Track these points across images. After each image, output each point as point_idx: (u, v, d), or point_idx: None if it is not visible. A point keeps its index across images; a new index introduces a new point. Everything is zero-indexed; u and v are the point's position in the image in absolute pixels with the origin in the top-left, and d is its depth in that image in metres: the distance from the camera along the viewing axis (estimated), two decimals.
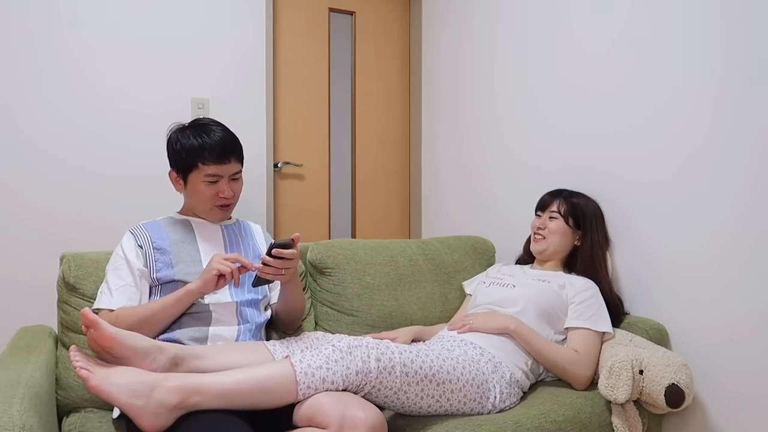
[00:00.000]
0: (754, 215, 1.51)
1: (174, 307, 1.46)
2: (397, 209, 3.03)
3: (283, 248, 1.43)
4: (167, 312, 1.46)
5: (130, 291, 1.50)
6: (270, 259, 1.43)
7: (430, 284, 2.01)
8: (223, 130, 1.61)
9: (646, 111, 1.78)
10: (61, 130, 2.22)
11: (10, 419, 1.00)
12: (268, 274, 1.45)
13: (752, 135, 1.50)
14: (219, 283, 1.44)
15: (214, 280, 1.43)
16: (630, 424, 1.50)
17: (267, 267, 1.44)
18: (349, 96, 2.92)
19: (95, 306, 1.49)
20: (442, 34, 2.77)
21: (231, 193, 1.62)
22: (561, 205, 1.84)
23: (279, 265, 1.44)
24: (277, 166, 2.69)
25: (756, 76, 1.49)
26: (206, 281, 1.44)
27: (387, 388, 1.27)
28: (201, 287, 1.45)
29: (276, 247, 1.43)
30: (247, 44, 2.53)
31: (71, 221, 2.24)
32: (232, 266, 1.43)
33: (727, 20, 1.55)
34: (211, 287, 1.45)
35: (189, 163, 1.57)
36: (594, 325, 1.66)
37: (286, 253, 1.43)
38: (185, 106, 2.41)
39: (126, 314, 1.44)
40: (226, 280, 1.44)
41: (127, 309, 1.46)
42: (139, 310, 1.45)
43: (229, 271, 1.43)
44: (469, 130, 2.59)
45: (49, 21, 2.19)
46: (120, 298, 1.48)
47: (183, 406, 1.14)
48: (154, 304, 1.47)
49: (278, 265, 1.44)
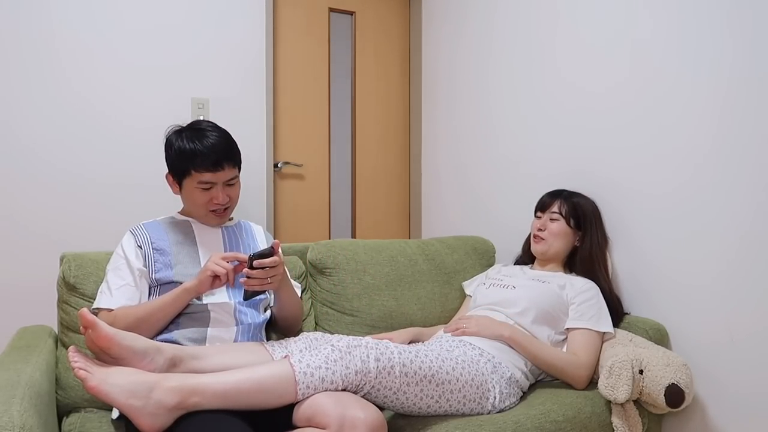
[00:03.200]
0: (755, 214, 1.50)
1: (171, 306, 1.46)
2: (397, 209, 3.03)
3: (263, 258, 1.42)
4: (165, 311, 1.46)
5: (129, 291, 1.50)
6: (252, 272, 1.41)
7: (430, 284, 2.01)
8: (219, 135, 1.57)
9: (644, 111, 1.77)
10: (61, 130, 2.22)
11: (10, 419, 1.00)
12: (254, 285, 1.44)
13: (754, 133, 1.50)
14: (214, 284, 1.45)
15: (209, 281, 1.44)
16: (630, 424, 1.50)
17: (252, 279, 1.42)
18: (349, 96, 2.92)
19: (95, 305, 1.49)
20: (442, 34, 2.76)
21: (226, 199, 1.60)
22: (562, 206, 1.84)
23: (263, 275, 1.43)
24: (277, 166, 2.68)
25: (757, 75, 1.49)
26: (201, 281, 1.45)
27: (386, 388, 1.27)
28: (196, 286, 1.45)
29: (256, 258, 1.41)
30: (247, 44, 2.53)
31: (71, 221, 2.24)
32: (227, 267, 1.44)
33: (726, 17, 1.55)
34: (206, 287, 1.45)
35: (182, 168, 1.56)
36: (595, 325, 1.65)
37: (266, 262, 1.42)
38: (185, 107, 2.41)
39: (124, 314, 1.44)
40: (221, 280, 1.45)
41: (125, 309, 1.45)
42: (137, 310, 1.45)
43: (223, 272, 1.43)
44: (468, 130, 2.59)
45: (49, 21, 2.19)
46: (120, 298, 1.47)
47: (182, 406, 1.14)
48: (152, 303, 1.47)
49: (262, 275, 1.42)
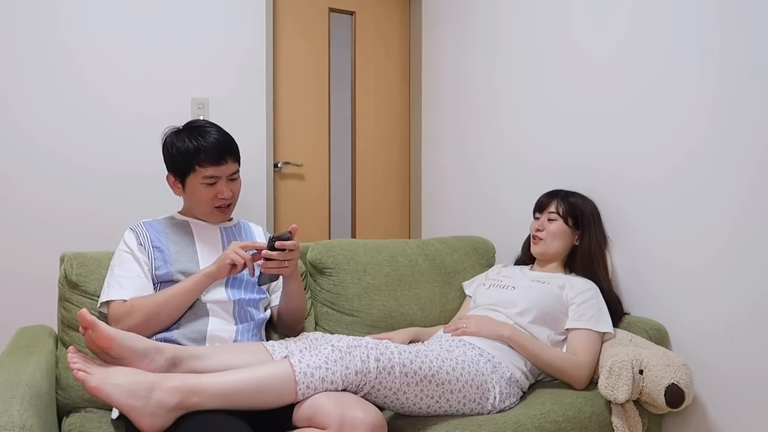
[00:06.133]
0: (754, 216, 1.50)
1: (192, 291, 1.48)
2: (397, 209, 3.03)
3: (283, 241, 1.45)
4: (185, 296, 1.47)
5: (140, 282, 1.51)
6: (273, 253, 1.44)
7: (430, 284, 2.01)
8: (218, 131, 1.61)
9: (646, 112, 1.77)
10: (61, 130, 2.22)
11: (10, 419, 1.00)
12: (272, 268, 1.46)
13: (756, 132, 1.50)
14: (232, 271, 1.49)
15: (227, 268, 1.48)
16: (630, 424, 1.50)
17: (270, 261, 1.45)
18: (349, 96, 2.92)
19: (105, 298, 1.48)
20: (442, 34, 2.76)
21: (230, 193, 1.62)
22: (559, 206, 1.84)
23: (282, 258, 1.45)
24: (277, 166, 2.69)
25: (753, 78, 1.49)
26: (220, 267, 1.48)
27: (386, 389, 1.27)
28: (215, 272, 1.49)
29: (276, 240, 1.44)
30: (247, 44, 2.53)
31: (71, 221, 2.24)
32: (246, 256, 1.47)
33: (725, 22, 1.55)
34: (225, 273, 1.49)
35: (186, 166, 1.57)
36: (595, 325, 1.65)
37: (288, 245, 1.45)
38: (185, 107, 2.41)
39: (143, 302, 1.44)
40: (237, 269, 1.48)
41: (143, 297, 1.46)
42: (156, 296, 1.47)
43: (242, 262, 1.47)
44: (468, 131, 2.59)
45: (49, 21, 2.19)
46: (131, 289, 1.48)
47: (182, 406, 1.14)
48: (171, 288, 1.48)
49: (281, 258, 1.45)
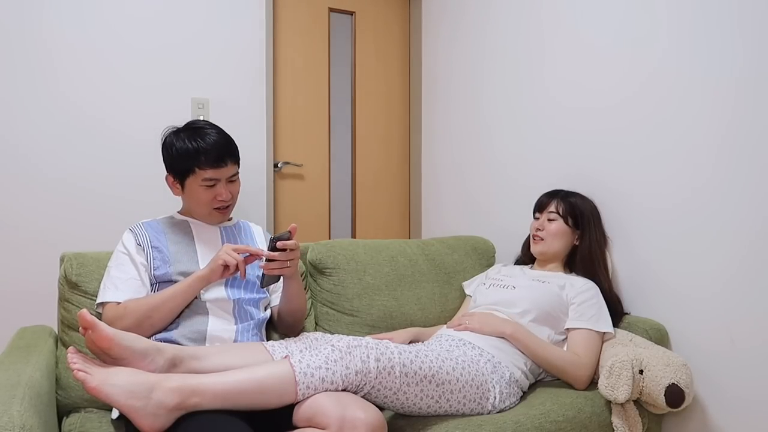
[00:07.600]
0: (755, 215, 1.50)
1: (184, 294, 1.47)
2: (397, 209, 3.03)
3: (283, 241, 1.45)
4: (177, 300, 1.47)
5: (135, 284, 1.50)
6: (275, 254, 1.44)
7: (430, 284, 2.01)
8: (218, 132, 1.60)
9: (644, 110, 1.77)
10: (61, 130, 2.22)
11: (10, 419, 1.00)
12: (274, 269, 1.46)
13: (756, 132, 1.50)
14: (225, 273, 1.47)
15: (220, 270, 1.47)
16: (630, 424, 1.50)
17: (272, 262, 1.45)
18: (349, 96, 2.92)
19: (100, 299, 1.49)
20: (442, 34, 2.76)
21: (229, 195, 1.62)
22: (559, 206, 1.84)
23: (283, 258, 1.45)
24: (277, 166, 2.68)
25: (757, 74, 1.49)
26: (213, 270, 1.47)
27: (386, 389, 1.27)
28: (208, 274, 1.48)
29: (277, 241, 1.44)
30: (247, 44, 2.53)
31: (71, 222, 2.23)
32: (238, 258, 1.46)
33: (725, 17, 1.55)
34: (218, 276, 1.47)
35: (185, 167, 1.57)
36: (595, 325, 1.65)
37: (289, 244, 1.45)
38: (185, 107, 2.41)
39: (135, 305, 1.44)
40: (230, 270, 1.47)
41: (136, 300, 1.46)
42: (149, 299, 1.46)
43: (234, 263, 1.46)
44: (467, 130, 2.59)
45: (49, 21, 2.19)
46: (126, 291, 1.48)
47: (182, 406, 1.14)
48: (164, 292, 1.47)
49: (282, 258, 1.45)
